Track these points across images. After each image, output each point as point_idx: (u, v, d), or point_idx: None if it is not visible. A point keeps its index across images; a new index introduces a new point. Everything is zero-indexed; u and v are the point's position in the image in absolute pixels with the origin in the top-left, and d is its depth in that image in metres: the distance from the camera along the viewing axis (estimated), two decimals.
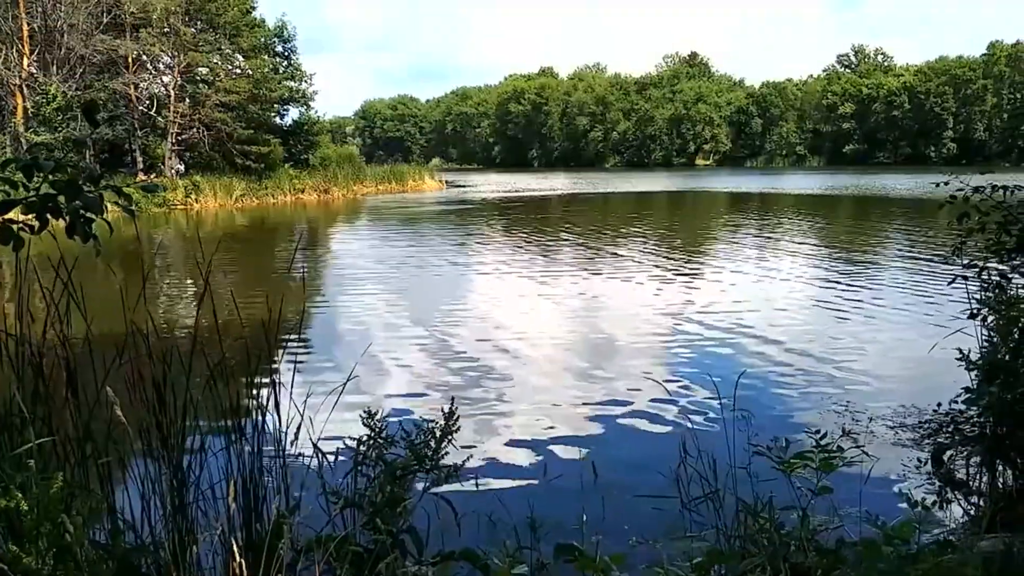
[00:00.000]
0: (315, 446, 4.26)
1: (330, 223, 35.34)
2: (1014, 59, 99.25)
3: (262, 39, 49.59)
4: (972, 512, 5.52)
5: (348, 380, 4.63)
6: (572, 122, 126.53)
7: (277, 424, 4.43)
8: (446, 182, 67.56)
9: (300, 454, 4.59)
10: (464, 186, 66.55)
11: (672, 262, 18.91)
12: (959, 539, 4.87)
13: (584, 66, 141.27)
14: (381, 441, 3.91)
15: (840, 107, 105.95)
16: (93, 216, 2.84)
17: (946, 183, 5.43)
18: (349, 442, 4.06)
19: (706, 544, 3.56)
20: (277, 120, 51.75)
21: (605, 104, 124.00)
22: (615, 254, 20.50)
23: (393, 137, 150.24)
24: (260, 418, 4.33)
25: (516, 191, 56.96)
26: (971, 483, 5.80)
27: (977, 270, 5.46)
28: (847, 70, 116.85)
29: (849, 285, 15.01)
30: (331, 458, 4.25)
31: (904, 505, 3.83)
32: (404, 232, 27.96)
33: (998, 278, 5.39)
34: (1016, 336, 5.26)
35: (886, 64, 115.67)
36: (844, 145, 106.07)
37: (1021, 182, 5.67)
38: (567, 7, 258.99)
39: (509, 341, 10.80)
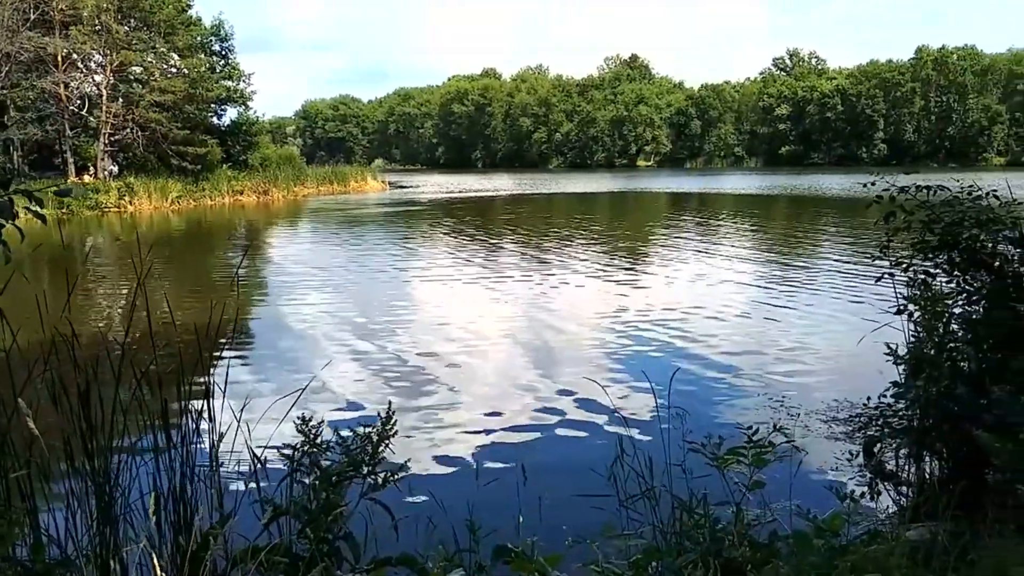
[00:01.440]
0: (251, 453, 4.18)
1: (270, 225, 34.75)
2: (940, 63, 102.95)
3: (198, 38, 48.53)
4: (901, 502, 5.69)
5: (291, 384, 4.56)
6: (515, 123, 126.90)
7: (211, 432, 4.33)
8: (389, 183, 67.08)
9: (236, 462, 4.50)
10: (407, 187, 66.17)
11: (613, 263, 19.09)
12: (888, 529, 5.03)
13: (527, 68, 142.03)
14: (316, 447, 3.84)
15: (776, 109, 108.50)
16: (3, 221, 2.72)
17: (873, 183, 5.58)
18: (286, 449, 3.98)
19: (643, 541, 3.59)
20: (214, 120, 50.78)
21: (548, 105, 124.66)
22: (559, 256, 20.61)
23: (335, 138, 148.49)
24: (193, 426, 4.22)
25: (460, 192, 56.86)
26: (900, 474, 5.97)
27: (903, 267, 5.62)
28: (783, 73, 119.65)
29: (784, 284, 15.36)
30: (267, 466, 4.17)
31: (837, 498, 3.92)
32: (346, 234, 27.63)
33: (923, 275, 5.56)
34: (940, 331, 5.44)
35: (820, 68, 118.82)
36: (780, 146, 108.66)
37: (945, 182, 5.86)
38: (509, 10, 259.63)
39: (452, 345, 10.76)
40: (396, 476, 3.81)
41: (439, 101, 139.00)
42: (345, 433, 3.95)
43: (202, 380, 4.33)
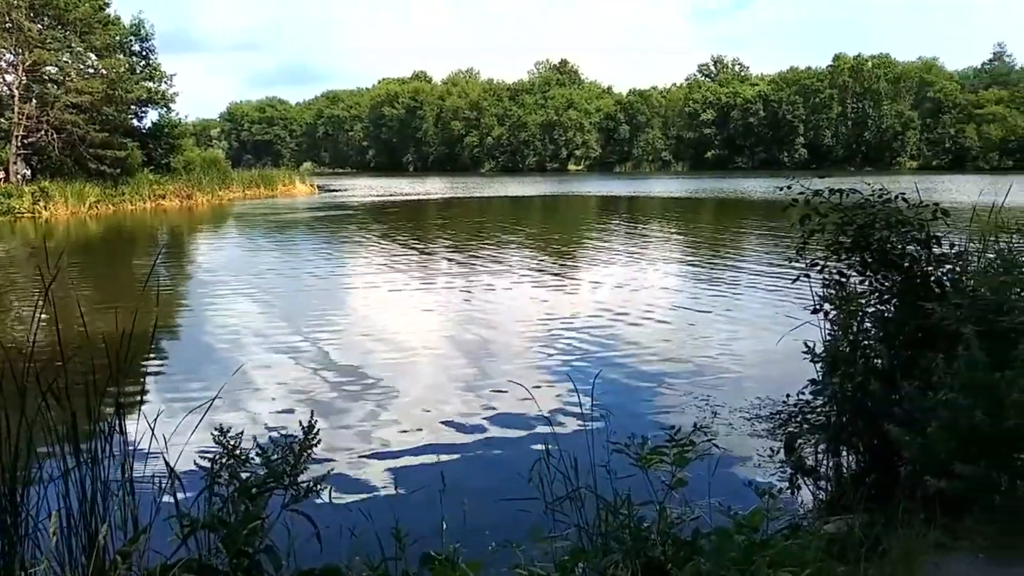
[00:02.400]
0: (167, 466, 4.05)
1: (194, 231, 33.82)
2: (856, 71, 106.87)
3: (117, 37, 46.77)
4: (820, 496, 5.87)
5: (213, 396, 4.43)
6: (447, 126, 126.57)
7: (123, 446, 4.18)
8: (318, 186, 66.07)
9: (151, 476, 4.35)
10: (337, 190, 65.29)
11: (544, 268, 19.21)
12: (808, 522, 5.18)
13: (458, 71, 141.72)
14: (235, 459, 3.74)
15: (702, 114, 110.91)
16: None
17: (789, 187, 5.75)
18: (203, 461, 3.87)
19: (568, 543, 3.61)
20: (135, 122, 48.98)
21: (479, 109, 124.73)
22: (490, 261, 20.62)
23: (262, 140, 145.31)
24: (104, 440, 4.07)
25: (391, 195, 56.41)
26: (819, 469, 6.15)
27: (819, 268, 5.80)
28: (708, 79, 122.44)
29: (709, 285, 15.70)
30: (185, 479, 4.05)
31: (756, 494, 4.01)
32: (275, 239, 27.10)
33: (837, 276, 5.75)
34: (854, 329, 5.63)
35: (743, 74, 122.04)
36: (706, 151, 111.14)
37: (857, 186, 6.06)
38: (439, 13, 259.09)
39: (379, 352, 10.65)
40: (318, 486, 3.74)
41: (369, 104, 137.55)
42: (266, 443, 3.87)
43: (115, 392, 4.17)
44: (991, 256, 5.78)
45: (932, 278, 5.45)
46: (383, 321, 12.78)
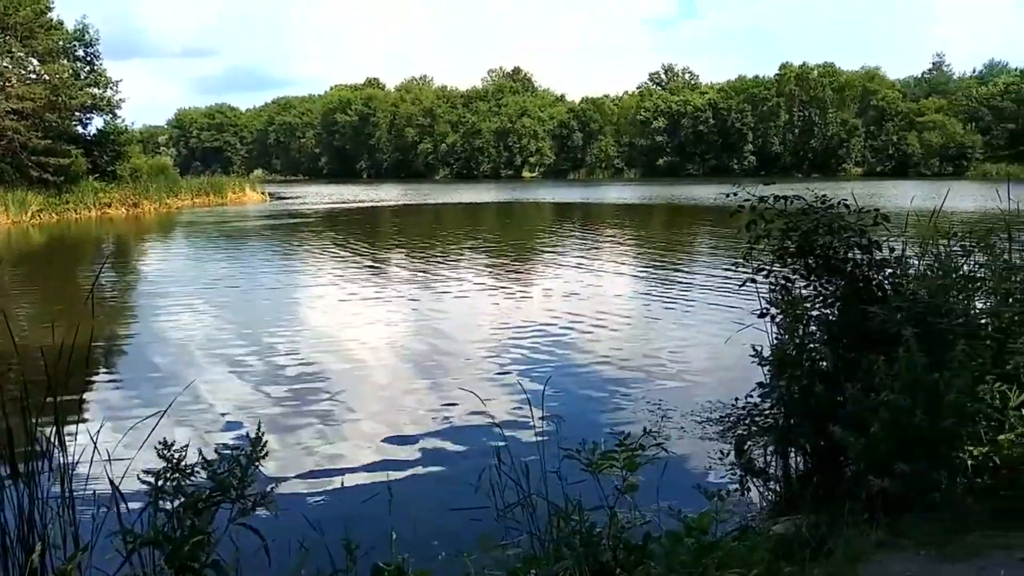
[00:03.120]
0: (110, 481, 3.95)
1: (141, 240, 33.09)
2: (801, 79, 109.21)
3: (60, 42, 45.63)
4: (770, 497, 5.97)
5: (159, 411, 4.33)
6: (401, 133, 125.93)
7: (62, 460, 4.07)
8: (270, 194, 65.11)
9: (93, 492, 4.24)
10: (289, 198, 64.46)
11: (498, 275, 19.22)
12: (758, 524, 5.26)
13: (411, 78, 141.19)
14: (180, 472, 3.67)
15: (653, 122, 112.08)
16: None
17: (735, 193, 5.85)
18: (147, 476, 3.78)
19: (520, 551, 3.61)
20: (79, 129, 47.74)
21: (433, 116, 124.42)
22: (444, 268, 20.58)
23: (211, 147, 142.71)
24: (44, 457, 3.95)
25: (345, 203, 55.91)
26: (768, 470, 6.25)
27: (765, 273, 5.91)
28: (658, 87, 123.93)
29: (661, 290, 15.88)
30: (128, 494, 3.96)
31: (705, 497, 4.06)
32: (224, 249, 26.64)
33: (783, 280, 5.86)
34: (800, 333, 5.74)
35: (693, 83, 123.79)
36: (657, 158, 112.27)
37: (801, 192, 6.18)
38: (391, 20, 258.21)
39: (332, 362, 10.52)
40: (266, 499, 3.68)
41: (321, 110, 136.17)
42: (212, 456, 3.80)
43: (54, 405, 4.05)
44: (930, 260, 5.97)
45: (874, 282, 5.59)
46: (334, 331, 12.63)
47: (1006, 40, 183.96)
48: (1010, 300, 5.65)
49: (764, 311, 5.89)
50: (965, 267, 5.87)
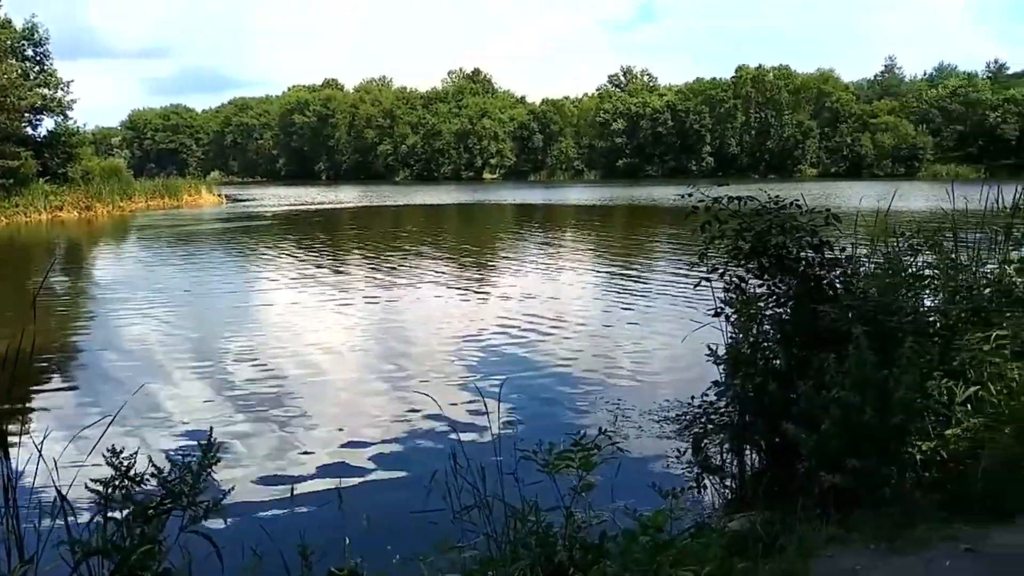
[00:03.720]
0: (57, 491, 3.85)
1: (93, 243, 32.38)
2: (758, 81, 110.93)
3: (8, 41, 44.43)
4: (726, 494, 6.03)
5: (108, 418, 4.23)
6: (360, 135, 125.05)
7: (8, 471, 3.96)
8: (226, 196, 64.19)
9: (38, 501, 4.14)
10: (247, 200, 63.60)
11: (458, 277, 19.18)
12: (714, 521, 5.31)
13: (370, 79, 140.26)
14: (129, 480, 3.60)
15: (612, 124, 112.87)
16: None
17: (690, 194, 5.90)
18: (96, 484, 3.70)
19: (477, 553, 3.60)
20: (29, 131, 46.52)
21: (393, 117, 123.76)
22: (403, 271, 20.47)
23: (166, 149, 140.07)
24: None
25: (304, 205, 55.34)
26: (725, 468, 6.32)
27: (720, 273, 5.97)
28: (618, 89, 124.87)
29: (621, 291, 15.98)
30: (77, 504, 3.87)
31: (660, 496, 4.09)
32: (180, 252, 26.15)
33: (737, 280, 5.93)
34: (754, 331, 5.81)
35: (651, 84, 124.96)
36: (617, 159, 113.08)
37: (755, 193, 6.26)
38: (348, 20, 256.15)
39: (287, 367, 10.39)
40: (218, 506, 3.63)
41: (279, 111, 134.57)
42: (163, 464, 3.73)
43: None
44: (879, 259, 6.09)
45: (825, 281, 5.68)
46: (290, 336, 12.45)
47: (955, 43, 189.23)
48: (957, 298, 5.79)
49: (719, 310, 5.95)
50: (913, 266, 6.00)
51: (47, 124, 48.00)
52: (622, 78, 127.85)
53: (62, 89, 47.22)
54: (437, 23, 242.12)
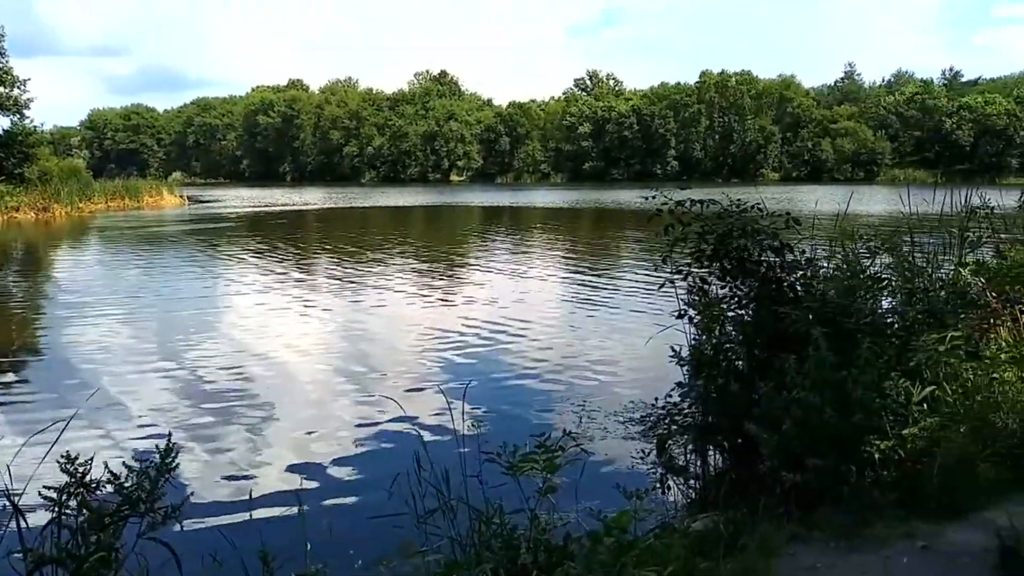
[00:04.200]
0: (8, 497, 3.76)
1: (52, 245, 31.69)
2: (721, 87, 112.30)
3: None
4: (690, 495, 6.08)
5: (62, 422, 4.14)
6: (326, 136, 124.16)
7: None
8: (189, 197, 63.29)
9: None
10: (209, 201, 62.79)
11: (423, 280, 19.11)
12: (678, 521, 5.35)
13: (336, 80, 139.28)
14: (84, 487, 3.52)
15: (579, 127, 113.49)
16: None
17: (653, 197, 5.94)
18: (49, 491, 3.61)
19: (441, 556, 3.58)
20: None
21: (359, 119, 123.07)
22: (368, 273, 20.34)
23: (127, 149, 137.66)
24: None
25: (268, 207, 54.76)
26: (689, 468, 6.37)
27: (683, 275, 6.02)
28: (584, 93, 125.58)
29: (587, 293, 16.05)
30: (29, 511, 3.77)
31: (624, 496, 4.10)
32: (140, 254, 25.72)
33: (700, 282, 5.98)
34: (717, 333, 5.87)
35: (617, 89, 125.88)
36: (583, 163, 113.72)
37: (717, 196, 6.33)
38: (314, 20, 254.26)
39: (250, 370, 10.28)
40: (177, 512, 3.57)
41: (243, 112, 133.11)
42: (120, 469, 3.66)
43: None
44: (838, 262, 6.18)
45: (785, 283, 5.75)
46: (253, 339, 12.30)
47: (913, 51, 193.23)
48: (913, 300, 5.91)
49: (682, 312, 6.00)
50: (872, 268, 6.10)
51: (2, 123, 46.98)
52: (588, 82, 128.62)
53: (18, 87, 46.26)
54: (404, 24, 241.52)
